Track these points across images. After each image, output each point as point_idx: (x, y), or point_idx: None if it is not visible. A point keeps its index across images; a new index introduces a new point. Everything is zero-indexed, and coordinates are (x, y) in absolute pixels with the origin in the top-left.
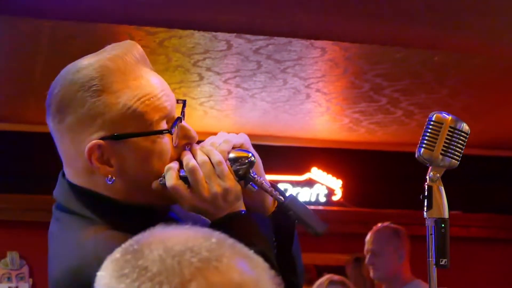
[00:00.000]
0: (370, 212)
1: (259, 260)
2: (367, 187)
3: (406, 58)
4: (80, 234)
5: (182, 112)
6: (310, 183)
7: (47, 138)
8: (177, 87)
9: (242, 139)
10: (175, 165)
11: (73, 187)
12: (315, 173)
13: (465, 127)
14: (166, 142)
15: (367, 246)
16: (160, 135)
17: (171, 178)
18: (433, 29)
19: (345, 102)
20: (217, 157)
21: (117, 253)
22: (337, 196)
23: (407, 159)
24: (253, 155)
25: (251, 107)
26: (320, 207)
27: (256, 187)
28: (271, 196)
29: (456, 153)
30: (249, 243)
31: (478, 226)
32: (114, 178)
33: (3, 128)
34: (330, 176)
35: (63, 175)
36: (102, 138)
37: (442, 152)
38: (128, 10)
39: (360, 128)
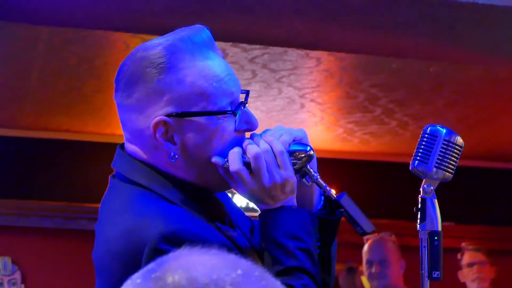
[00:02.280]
0: None
1: None
2: (360, 197)
3: (401, 69)
4: (137, 202)
5: (246, 98)
6: None
7: (42, 144)
8: None
9: (302, 133)
10: (239, 149)
11: (134, 160)
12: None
13: (459, 140)
14: (228, 125)
15: (369, 256)
16: (224, 117)
17: (235, 162)
18: (429, 40)
19: (340, 112)
20: (279, 147)
21: (138, 278)
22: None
23: (401, 169)
24: (311, 149)
25: None
26: None
27: (310, 182)
28: (324, 192)
29: (450, 166)
30: (298, 239)
31: (471, 237)
32: (176, 156)
33: None
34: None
35: (122, 147)
36: (168, 115)
37: (436, 165)
38: (124, 17)
39: (354, 138)
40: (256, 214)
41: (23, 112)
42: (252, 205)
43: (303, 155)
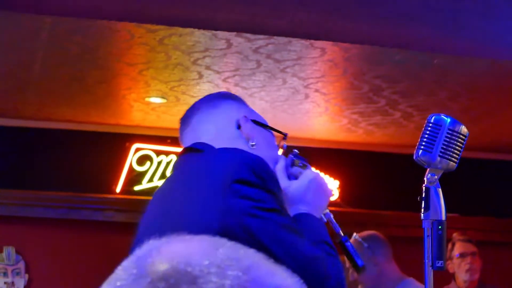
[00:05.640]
0: (367, 213)
1: None
2: (364, 188)
3: (405, 60)
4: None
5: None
6: None
7: (45, 134)
8: (176, 85)
9: None
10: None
11: None
12: None
13: (463, 129)
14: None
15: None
16: (275, 133)
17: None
18: (433, 31)
19: (344, 103)
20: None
21: (133, 269)
22: (334, 196)
23: (405, 161)
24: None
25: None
26: None
27: (325, 220)
28: (335, 231)
29: (454, 155)
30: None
31: (475, 228)
32: (253, 144)
33: (1, 123)
34: (327, 176)
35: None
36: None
37: (441, 154)
38: (129, 7)
39: (358, 129)
40: None
41: (26, 102)
42: None
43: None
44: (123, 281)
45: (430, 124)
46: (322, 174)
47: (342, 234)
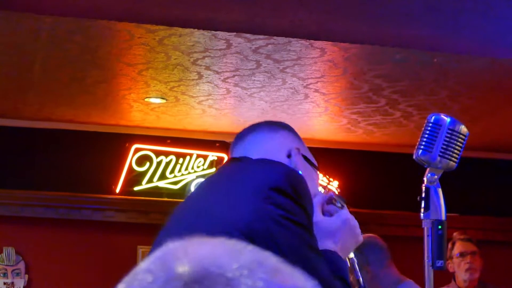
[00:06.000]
0: (367, 213)
1: None
2: (364, 188)
3: (405, 60)
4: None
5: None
6: None
7: (45, 134)
8: (176, 85)
9: None
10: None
11: None
12: None
13: (463, 129)
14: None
15: None
16: (317, 171)
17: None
18: (433, 30)
19: (344, 103)
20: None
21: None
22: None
23: (405, 160)
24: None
25: (249, 106)
26: None
27: (348, 264)
28: (355, 277)
29: (454, 155)
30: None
31: (475, 228)
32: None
33: (1, 123)
34: (327, 176)
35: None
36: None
37: (440, 154)
38: (129, 7)
39: (358, 129)
40: None
41: (26, 103)
42: None
43: None
44: (151, 284)
45: (430, 124)
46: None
47: (362, 284)
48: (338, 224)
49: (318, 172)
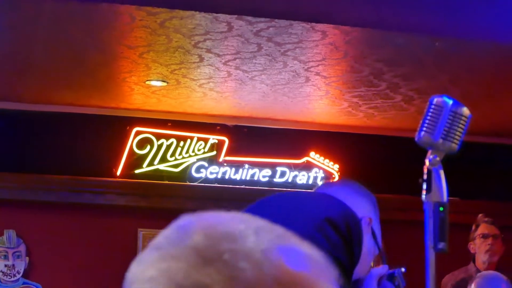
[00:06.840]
0: None
1: None
2: (364, 172)
3: (406, 43)
4: None
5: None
6: (308, 166)
7: (46, 118)
8: (177, 68)
9: None
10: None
11: None
12: (313, 156)
13: (465, 111)
14: None
15: None
16: (378, 250)
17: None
18: (434, 14)
19: (345, 86)
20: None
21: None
22: (335, 180)
23: (405, 144)
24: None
25: (250, 90)
26: None
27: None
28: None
29: (456, 137)
30: None
31: (476, 212)
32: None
33: (2, 106)
34: (327, 160)
35: None
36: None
37: (443, 136)
38: None
39: (358, 112)
40: None
41: (27, 86)
42: None
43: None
44: (166, 239)
45: (432, 106)
46: None
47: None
48: None
49: (379, 252)
